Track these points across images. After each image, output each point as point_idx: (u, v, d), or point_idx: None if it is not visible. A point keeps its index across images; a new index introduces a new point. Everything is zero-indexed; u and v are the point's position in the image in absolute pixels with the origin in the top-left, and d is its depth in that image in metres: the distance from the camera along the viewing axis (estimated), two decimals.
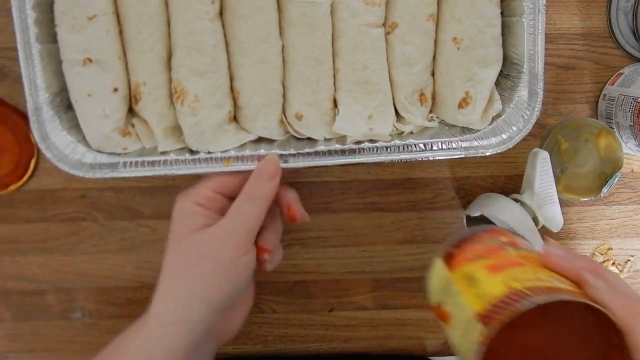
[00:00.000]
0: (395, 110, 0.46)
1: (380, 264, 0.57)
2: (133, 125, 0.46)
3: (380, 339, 0.59)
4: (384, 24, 0.44)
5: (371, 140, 0.45)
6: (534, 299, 0.31)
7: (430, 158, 0.45)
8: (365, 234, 0.57)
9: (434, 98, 0.47)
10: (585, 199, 0.53)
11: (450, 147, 0.45)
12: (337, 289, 0.58)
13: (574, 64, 0.55)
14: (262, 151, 0.45)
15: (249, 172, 0.44)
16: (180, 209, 0.42)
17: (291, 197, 0.45)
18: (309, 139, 0.47)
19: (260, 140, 0.47)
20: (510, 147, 0.44)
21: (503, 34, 0.45)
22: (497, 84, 0.46)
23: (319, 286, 0.58)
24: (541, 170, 0.48)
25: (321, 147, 0.45)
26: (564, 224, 0.51)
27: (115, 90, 0.44)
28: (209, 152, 0.45)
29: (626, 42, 0.54)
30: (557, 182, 0.51)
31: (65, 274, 0.57)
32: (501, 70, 0.45)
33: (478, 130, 0.45)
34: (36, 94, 0.43)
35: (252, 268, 0.42)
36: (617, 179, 0.51)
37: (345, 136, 0.46)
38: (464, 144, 0.45)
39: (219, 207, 0.43)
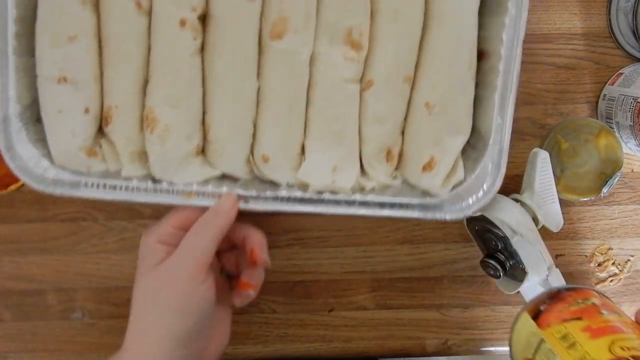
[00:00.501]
0: (361, 164, 0.47)
1: (380, 264, 0.57)
2: (100, 146, 0.45)
3: (380, 339, 0.59)
4: (361, 79, 0.44)
5: (332, 192, 0.46)
6: None
7: (389, 216, 0.46)
8: (365, 234, 0.57)
9: (400, 156, 0.47)
10: (585, 199, 0.53)
11: (409, 207, 0.46)
12: (337, 289, 0.58)
13: (574, 64, 0.55)
14: (224, 189, 0.45)
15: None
16: (143, 245, 0.44)
17: (256, 242, 0.46)
18: (273, 182, 0.47)
19: (224, 177, 0.47)
20: (468, 214, 0.45)
21: (474, 106, 0.45)
22: (463, 152, 0.46)
23: (318, 286, 0.58)
24: (541, 170, 0.48)
25: (282, 193, 0.46)
26: (564, 224, 0.51)
27: (87, 111, 0.43)
28: (172, 183, 0.45)
29: (626, 42, 0.54)
30: (557, 182, 0.51)
31: (65, 274, 0.57)
32: (468, 140, 0.45)
33: (438, 195, 0.46)
34: (6, 105, 0.42)
35: (211, 296, 0.43)
36: (617, 179, 0.51)
37: (307, 184, 0.46)
38: (422, 206, 0.46)
39: (180, 242, 0.43)
